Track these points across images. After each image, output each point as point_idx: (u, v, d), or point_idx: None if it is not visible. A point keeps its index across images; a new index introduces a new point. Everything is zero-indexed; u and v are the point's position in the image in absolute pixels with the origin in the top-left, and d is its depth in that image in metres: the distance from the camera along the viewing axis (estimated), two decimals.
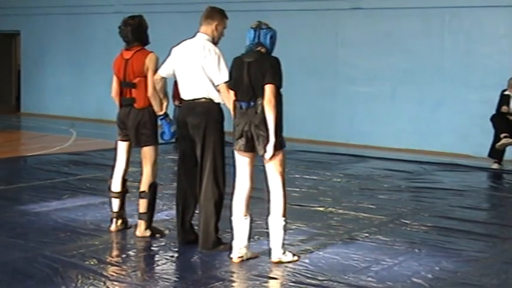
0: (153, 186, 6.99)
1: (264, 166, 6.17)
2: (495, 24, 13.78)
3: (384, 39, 14.98)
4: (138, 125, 6.89)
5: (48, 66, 20.62)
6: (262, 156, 6.06)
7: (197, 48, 6.42)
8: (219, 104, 6.43)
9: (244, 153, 6.12)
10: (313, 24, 15.70)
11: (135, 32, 7.00)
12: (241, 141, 6.05)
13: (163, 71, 6.69)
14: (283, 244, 6.22)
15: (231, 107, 6.25)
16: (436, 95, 14.34)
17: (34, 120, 19.61)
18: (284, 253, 6.22)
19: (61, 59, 20.36)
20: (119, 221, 7.22)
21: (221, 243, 6.52)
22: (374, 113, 15.09)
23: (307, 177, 10.92)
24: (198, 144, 6.40)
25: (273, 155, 5.99)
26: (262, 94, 5.98)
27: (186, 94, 6.51)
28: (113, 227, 7.20)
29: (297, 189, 9.76)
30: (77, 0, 20.16)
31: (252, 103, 6.02)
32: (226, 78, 6.28)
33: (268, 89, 5.94)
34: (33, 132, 17.12)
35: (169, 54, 6.71)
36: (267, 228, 6.32)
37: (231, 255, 6.25)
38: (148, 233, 6.98)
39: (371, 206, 8.82)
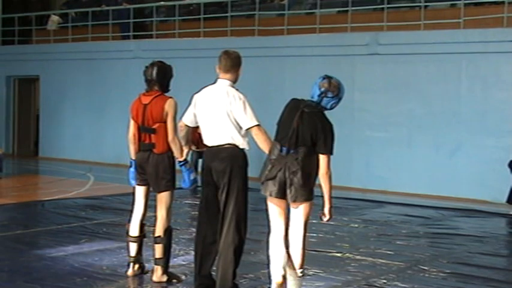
0: (168, 231, 6.96)
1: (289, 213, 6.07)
2: (511, 70, 13.79)
3: (401, 85, 15.03)
4: (158, 171, 6.90)
5: (66, 111, 20.81)
6: (292, 203, 5.98)
7: (221, 95, 6.35)
8: (243, 149, 6.37)
9: (275, 199, 6.00)
10: (330, 69, 15.66)
11: (160, 74, 7.01)
12: (273, 187, 5.93)
13: (187, 119, 6.65)
14: None
15: (268, 147, 6.17)
16: (453, 140, 14.31)
17: (52, 164, 19.71)
18: None
19: (79, 103, 20.55)
20: (136, 266, 7.20)
21: None
22: (391, 158, 15.06)
23: (324, 222, 10.84)
24: (222, 189, 6.33)
25: (302, 204, 5.98)
26: (305, 144, 5.90)
27: (210, 140, 6.42)
28: (129, 272, 7.18)
29: (314, 235, 9.70)
30: (95, 46, 20.43)
31: (292, 150, 5.91)
32: (256, 122, 6.27)
33: (323, 160, 5.94)
34: (51, 176, 17.21)
35: (190, 101, 6.68)
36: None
37: (272, 278, 6.04)
38: (165, 278, 6.95)
39: (389, 252, 8.75)
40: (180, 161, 6.85)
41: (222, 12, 18.71)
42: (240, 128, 6.31)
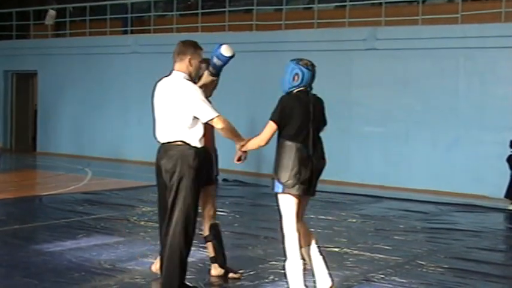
0: (213, 228, 6.92)
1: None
2: (509, 66, 13.80)
3: (398, 80, 15.03)
4: None
5: (64, 106, 20.79)
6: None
7: (173, 88, 5.91)
8: (195, 148, 5.87)
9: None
10: (327, 64, 15.77)
11: None
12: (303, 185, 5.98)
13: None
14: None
15: (234, 135, 6.05)
16: (450, 135, 14.31)
17: (50, 159, 19.70)
18: None
19: (77, 98, 20.53)
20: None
21: None
22: (388, 153, 15.07)
23: (322, 217, 10.87)
24: (170, 189, 5.85)
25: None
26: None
27: (160, 136, 5.99)
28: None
29: (312, 230, 9.62)
30: (93, 41, 20.41)
31: None
32: (216, 113, 5.83)
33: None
34: (49, 171, 17.19)
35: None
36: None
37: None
38: (221, 272, 6.94)
39: (386, 247, 8.76)
40: None
41: (219, 7, 18.70)
42: (195, 123, 5.86)
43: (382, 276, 7.30)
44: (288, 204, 6.01)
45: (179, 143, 5.84)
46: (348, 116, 15.41)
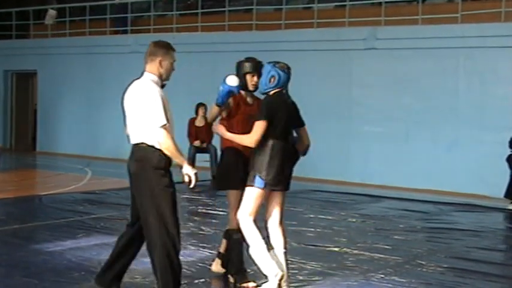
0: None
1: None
2: (509, 66, 13.80)
3: (398, 80, 15.03)
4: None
5: (64, 106, 20.80)
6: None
7: (136, 90, 5.79)
8: (159, 150, 5.64)
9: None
10: (327, 64, 15.80)
11: None
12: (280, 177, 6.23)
13: None
14: None
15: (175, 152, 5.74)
16: (450, 135, 14.32)
17: (50, 159, 19.70)
18: None
19: (77, 98, 20.54)
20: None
21: None
22: (388, 153, 15.06)
23: (322, 217, 10.87)
24: (136, 194, 5.78)
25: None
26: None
27: (130, 138, 5.87)
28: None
29: (312, 229, 9.72)
30: (93, 40, 20.41)
31: None
32: (164, 122, 5.59)
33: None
34: (49, 171, 17.19)
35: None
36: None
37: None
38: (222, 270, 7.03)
39: (386, 247, 8.76)
40: None
41: (219, 7, 18.70)
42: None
43: (382, 275, 7.30)
44: (259, 198, 6.21)
45: (143, 145, 5.70)
46: (348, 116, 15.39)
